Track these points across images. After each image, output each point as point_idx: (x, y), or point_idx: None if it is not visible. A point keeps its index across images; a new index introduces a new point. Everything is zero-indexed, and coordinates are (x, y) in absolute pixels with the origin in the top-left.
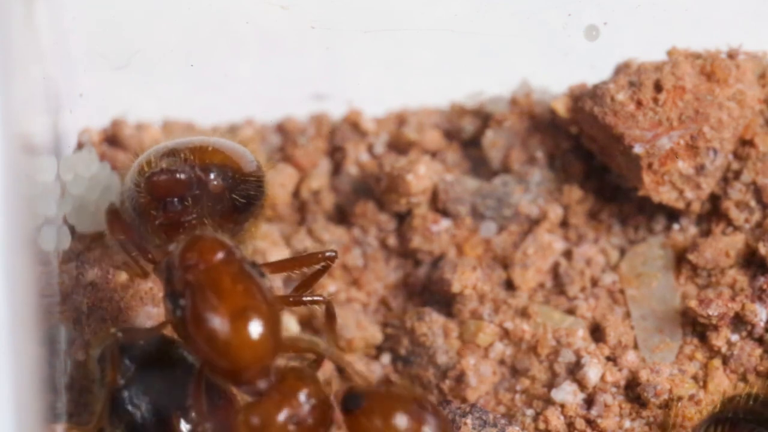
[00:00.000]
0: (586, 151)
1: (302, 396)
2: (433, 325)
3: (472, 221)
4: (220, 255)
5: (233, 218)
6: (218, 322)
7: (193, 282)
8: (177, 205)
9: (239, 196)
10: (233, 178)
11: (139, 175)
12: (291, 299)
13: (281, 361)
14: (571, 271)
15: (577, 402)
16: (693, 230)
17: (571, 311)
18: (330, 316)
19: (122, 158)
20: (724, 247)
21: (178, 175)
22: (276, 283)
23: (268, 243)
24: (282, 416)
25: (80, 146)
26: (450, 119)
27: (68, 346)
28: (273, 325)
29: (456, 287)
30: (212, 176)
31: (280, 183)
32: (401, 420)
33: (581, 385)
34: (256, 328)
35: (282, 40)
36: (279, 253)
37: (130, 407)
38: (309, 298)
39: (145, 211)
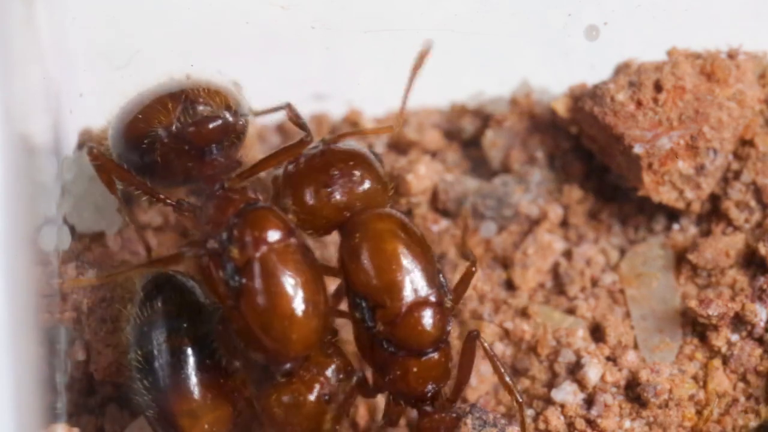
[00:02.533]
0: (586, 151)
1: (330, 371)
2: None
3: (472, 221)
4: (285, 237)
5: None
6: (281, 312)
7: (258, 262)
8: (216, 153)
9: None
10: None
11: (158, 122)
12: None
13: None
14: (571, 271)
15: (577, 402)
16: (693, 230)
17: (571, 311)
18: None
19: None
20: (724, 247)
21: (223, 120)
22: None
23: None
24: (314, 393)
25: (80, 146)
26: (450, 119)
27: (68, 346)
28: (327, 315)
29: None
30: (237, 119)
31: None
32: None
33: (581, 385)
34: (315, 322)
35: (282, 40)
36: None
37: (154, 344)
38: None
39: (173, 164)
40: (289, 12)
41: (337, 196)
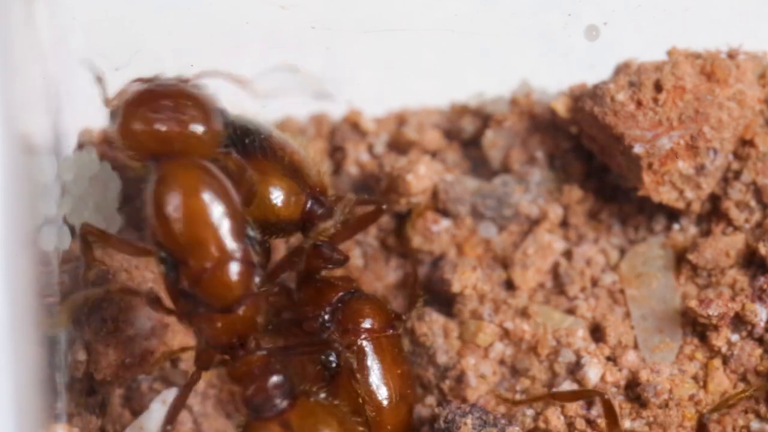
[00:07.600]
0: (586, 151)
1: None
2: (433, 325)
3: (472, 221)
4: (385, 327)
5: None
6: (373, 403)
7: (358, 349)
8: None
9: None
10: None
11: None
12: None
13: None
14: (571, 271)
15: (577, 402)
16: (693, 230)
17: (571, 311)
18: None
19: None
20: (724, 247)
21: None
22: None
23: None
24: None
25: (80, 146)
26: (450, 119)
27: (68, 346)
28: (414, 403)
29: (456, 287)
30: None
31: None
32: None
33: (581, 385)
34: (405, 412)
35: (282, 41)
36: (277, 252)
37: None
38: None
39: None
40: (289, 12)
41: (160, 127)
